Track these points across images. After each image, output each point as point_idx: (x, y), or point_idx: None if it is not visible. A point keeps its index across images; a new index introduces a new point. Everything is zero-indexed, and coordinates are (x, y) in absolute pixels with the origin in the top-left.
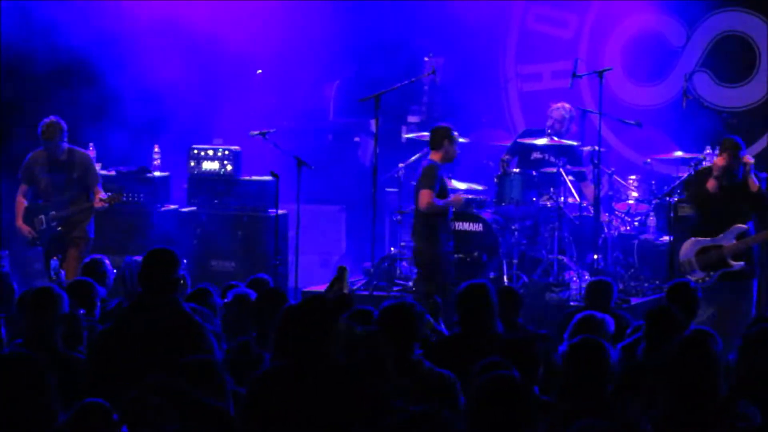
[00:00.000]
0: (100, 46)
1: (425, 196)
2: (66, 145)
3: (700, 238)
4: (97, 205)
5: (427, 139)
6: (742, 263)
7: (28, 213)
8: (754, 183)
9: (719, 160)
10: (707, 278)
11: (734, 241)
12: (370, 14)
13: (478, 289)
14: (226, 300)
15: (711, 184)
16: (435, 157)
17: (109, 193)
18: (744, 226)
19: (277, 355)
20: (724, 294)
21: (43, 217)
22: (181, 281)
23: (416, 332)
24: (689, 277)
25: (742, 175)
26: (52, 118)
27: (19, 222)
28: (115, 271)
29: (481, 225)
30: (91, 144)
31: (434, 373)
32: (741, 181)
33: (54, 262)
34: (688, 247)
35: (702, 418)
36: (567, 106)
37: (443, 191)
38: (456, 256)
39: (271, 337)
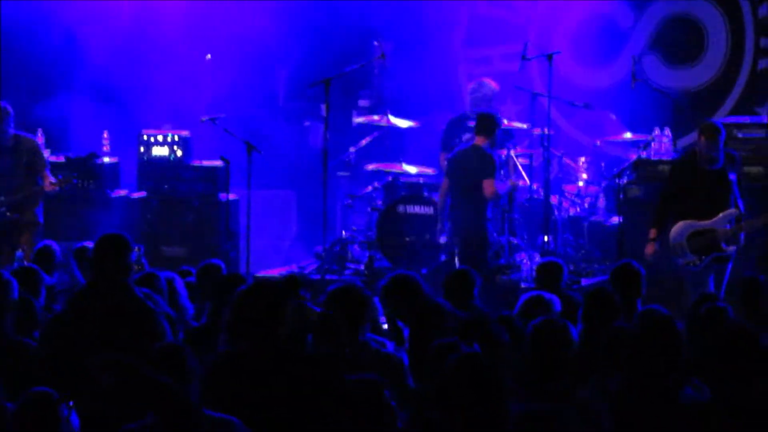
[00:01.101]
0: (47, 31)
1: (491, 186)
2: (12, 131)
3: (692, 222)
4: (48, 188)
5: (378, 123)
6: (734, 248)
7: None
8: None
9: (701, 146)
10: (698, 262)
11: (728, 227)
12: None
13: (406, 279)
14: None
15: (697, 170)
16: (482, 141)
17: (60, 177)
18: (735, 210)
19: (231, 338)
20: (713, 276)
21: None
22: (136, 267)
23: (365, 315)
24: (680, 260)
25: (722, 161)
26: None
27: None
28: (63, 257)
29: (432, 208)
30: (39, 129)
31: (381, 354)
32: (721, 167)
33: (19, 253)
34: (679, 230)
35: (656, 394)
36: (492, 83)
37: None
38: (407, 239)
39: (224, 320)
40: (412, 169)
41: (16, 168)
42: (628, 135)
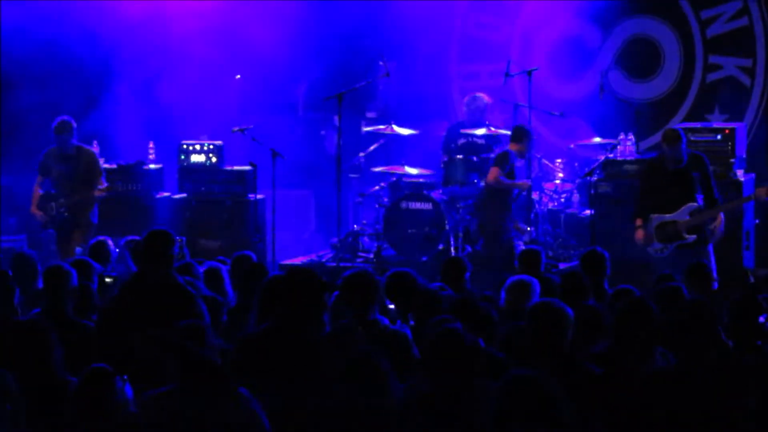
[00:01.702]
0: (102, 55)
1: (493, 173)
2: (75, 142)
3: (658, 215)
4: (97, 194)
5: (383, 131)
6: (694, 236)
7: (42, 200)
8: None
9: (665, 150)
10: (665, 249)
11: (688, 218)
12: (333, 23)
13: (402, 275)
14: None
15: (663, 171)
16: (513, 147)
17: (107, 185)
18: (695, 204)
19: (260, 318)
20: (684, 260)
21: (54, 204)
22: (179, 256)
23: (374, 297)
24: (648, 249)
25: (685, 162)
26: (64, 117)
27: (34, 209)
28: (117, 249)
29: (430, 204)
30: (95, 141)
31: (389, 330)
32: (684, 167)
33: (78, 249)
34: (648, 223)
35: (632, 360)
36: (485, 96)
37: (511, 174)
38: (410, 231)
39: (254, 303)
40: (413, 171)
41: (75, 175)
42: (597, 139)
